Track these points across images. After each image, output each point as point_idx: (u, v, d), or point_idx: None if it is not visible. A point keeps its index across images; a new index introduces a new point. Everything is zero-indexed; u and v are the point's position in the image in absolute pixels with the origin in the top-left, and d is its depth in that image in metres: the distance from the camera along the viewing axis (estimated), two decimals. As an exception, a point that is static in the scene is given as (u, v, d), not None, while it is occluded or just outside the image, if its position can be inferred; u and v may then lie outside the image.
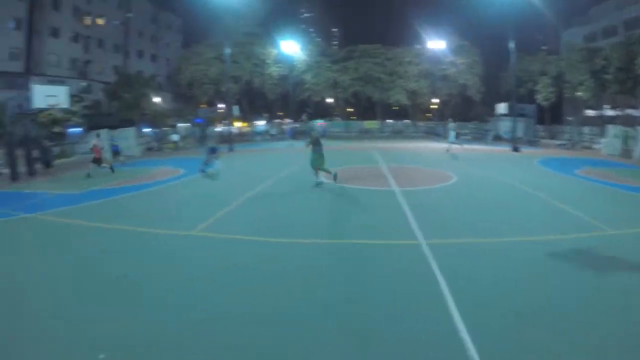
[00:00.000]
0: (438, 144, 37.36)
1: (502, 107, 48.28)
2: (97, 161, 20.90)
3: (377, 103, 64.72)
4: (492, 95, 59.65)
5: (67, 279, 6.90)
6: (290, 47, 54.62)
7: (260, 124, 63.07)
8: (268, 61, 59.28)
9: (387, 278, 6.38)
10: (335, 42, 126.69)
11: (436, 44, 54.98)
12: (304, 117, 57.51)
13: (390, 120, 68.36)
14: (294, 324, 5.04)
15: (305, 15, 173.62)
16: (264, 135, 54.98)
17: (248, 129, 59.57)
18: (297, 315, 5.28)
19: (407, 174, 18.14)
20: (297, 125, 56.74)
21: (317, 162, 14.97)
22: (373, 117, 67.53)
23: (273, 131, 56.59)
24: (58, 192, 17.26)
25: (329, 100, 67.72)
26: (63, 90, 26.06)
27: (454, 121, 34.16)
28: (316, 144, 15.06)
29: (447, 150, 27.99)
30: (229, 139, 35.81)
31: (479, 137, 45.60)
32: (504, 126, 45.56)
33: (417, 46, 62.31)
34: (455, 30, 61.34)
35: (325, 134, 50.10)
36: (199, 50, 59.08)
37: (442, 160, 23.59)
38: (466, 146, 31.45)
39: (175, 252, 8.06)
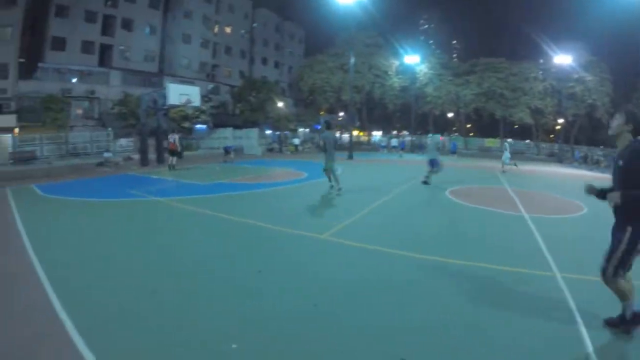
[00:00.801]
0: (564, 169, 35.44)
1: (636, 132, 42.86)
2: (173, 152, 23.65)
3: (499, 120, 60.59)
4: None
5: (200, 267, 7.09)
6: (412, 59, 53.22)
7: (377, 134, 62.28)
8: (390, 72, 58.41)
9: (520, 307, 5.83)
10: (454, 55, 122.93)
11: (562, 58, 49.60)
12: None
13: (510, 140, 64.32)
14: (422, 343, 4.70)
15: (425, 26, 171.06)
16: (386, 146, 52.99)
17: (365, 138, 59.16)
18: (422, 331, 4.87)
19: (535, 199, 16.76)
20: (413, 138, 55.05)
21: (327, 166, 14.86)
22: (492, 135, 63.58)
23: (394, 142, 54.36)
24: (185, 180, 17.96)
25: (450, 115, 64.96)
26: (195, 90, 27.81)
27: (507, 141, 30.97)
28: (325, 150, 14.87)
29: (504, 171, 26.60)
30: (349, 148, 35.04)
31: (609, 165, 40.96)
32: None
33: (541, 60, 58.07)
34: (583, 44, 55.45)
35: (455, 150, 47.26)
36: (322, 59, 59.85)
37: (569, 187, 21.34)
38: (597, 174, 29.01)
39: (305, 254, 7.97)
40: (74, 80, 46.74)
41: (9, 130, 34.65)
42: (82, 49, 47.69)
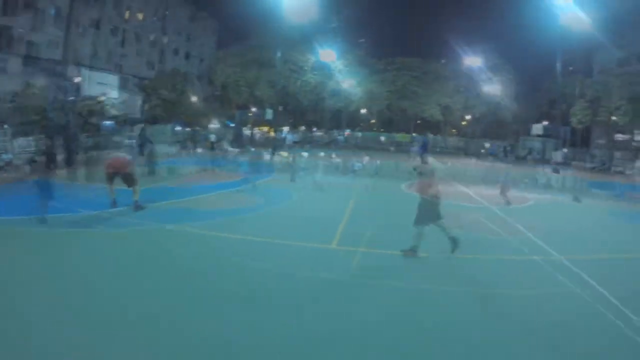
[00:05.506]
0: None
1: (538, 128, 46.74)
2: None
3: (410, 117, 64.66)
4: (524, 115, 60.53)
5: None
6: (328, 56, 53.60)
7: (285, 130, 61.04)
8: (305, 68, 58.16)
9: None
10: (361, 52, 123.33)
11: (472, 60, 55.28)
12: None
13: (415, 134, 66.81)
14: None
15: (341, 24, 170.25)
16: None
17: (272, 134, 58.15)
18: None
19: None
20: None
21: None
22: (399, 130, 68.07)
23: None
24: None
25: (362, 111, 66.35)
26: (114, 79, 24.74)
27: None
28: None
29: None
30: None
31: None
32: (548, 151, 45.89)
33: (443, 60, 64.01)
34: (490, 47, 59.05)
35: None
36: (236, 52, 58.66)
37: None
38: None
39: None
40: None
41: None
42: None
